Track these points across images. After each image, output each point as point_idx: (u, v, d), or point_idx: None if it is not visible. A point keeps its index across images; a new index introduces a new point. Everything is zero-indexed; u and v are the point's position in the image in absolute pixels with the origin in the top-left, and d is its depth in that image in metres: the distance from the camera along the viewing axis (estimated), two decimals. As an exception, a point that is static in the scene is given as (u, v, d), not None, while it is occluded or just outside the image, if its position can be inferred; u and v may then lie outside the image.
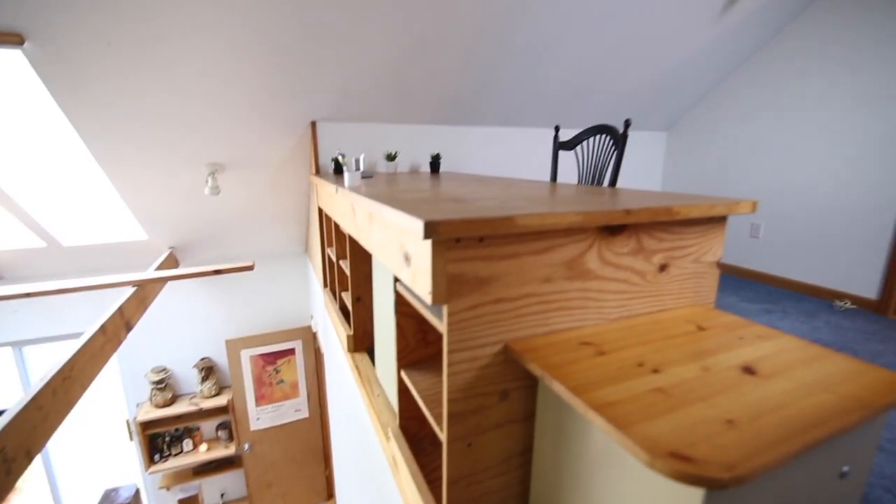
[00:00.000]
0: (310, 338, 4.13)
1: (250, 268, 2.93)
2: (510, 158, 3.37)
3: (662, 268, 1.11)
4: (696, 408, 0.70)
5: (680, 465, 0.57)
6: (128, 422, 3.85)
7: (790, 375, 0.82)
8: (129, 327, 2.37)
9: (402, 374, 1.28)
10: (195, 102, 2.31)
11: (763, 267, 3.36)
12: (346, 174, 1.68)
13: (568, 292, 0.98)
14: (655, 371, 0.82)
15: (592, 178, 2.07)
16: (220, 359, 4.01)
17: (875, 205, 2.72)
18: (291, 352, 4.08)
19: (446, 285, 0.84)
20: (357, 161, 2.24)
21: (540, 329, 0.97)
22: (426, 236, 0.77)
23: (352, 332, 2.02)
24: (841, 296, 2.91)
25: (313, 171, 2.82)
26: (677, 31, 2.84)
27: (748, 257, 3.45)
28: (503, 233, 0.85)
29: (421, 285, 0.89)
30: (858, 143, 2.78)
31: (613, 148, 1.93)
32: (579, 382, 0.78)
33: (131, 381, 3.81)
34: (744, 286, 3.25)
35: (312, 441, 4.25)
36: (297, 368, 4.13)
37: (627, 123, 1.86)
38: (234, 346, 3.90)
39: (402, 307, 1.23)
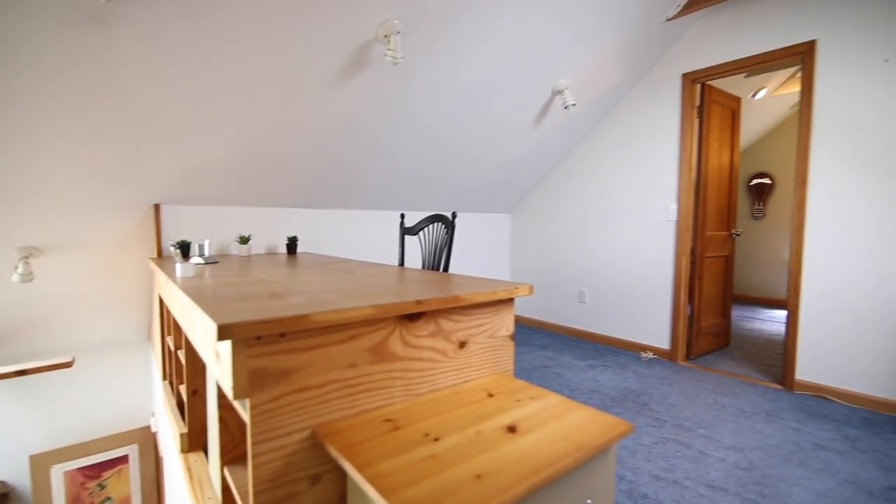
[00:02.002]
0: (149, 440, 3.60)
1: (68, 364, 2.55)
2: (368, 239, 3.56)
3: (462, 345, 1.31)
4: (457, 468, 0.86)
5: (420, 521, 0.70)
6: None
7: (542, 430, 1.03)
8: None
9: (225, 470, 1.25)
10: (6, 177, 2.10)
11: (590, 327, 3.93)
12: (177, 264, 1.66)
13: (374, 374, 1.11)
14: (436, 440, 0.96)
15: (433, 259, 2.32)
16: (22, 480, 3.25)
17: (660, 273, 3.45)
18: (124, 460, 3.49)
19: (247, 380, 0.91)
20: (201, 246, 2.21)
21: (348, 411, 1.07)
22: (220, 338, 0.84)
23: (186, 430, 1.87)
24: (645, 348, 3.53)
25: (155, 254, 2.67)
26: (506, 136, 3.43)
27: (578, 319, 4.02)
28: (303, 328, 0.96)
29: (225, 380, 0.94)
30: (649, 224, 3.55)
31: (447, 234, 2.21)
32: (367, 458, 0.88)
33: None
34: (577, 345, 3.75)
35: (148, 568, 3.56)
36: (131, 480, 3.52)
37: (454, 215, 2.17)
38: (41, 463, 3.21)
39: (224, 400, 1.24)
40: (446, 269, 2.19)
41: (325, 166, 2.92)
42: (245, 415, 0.96)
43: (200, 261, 2.04)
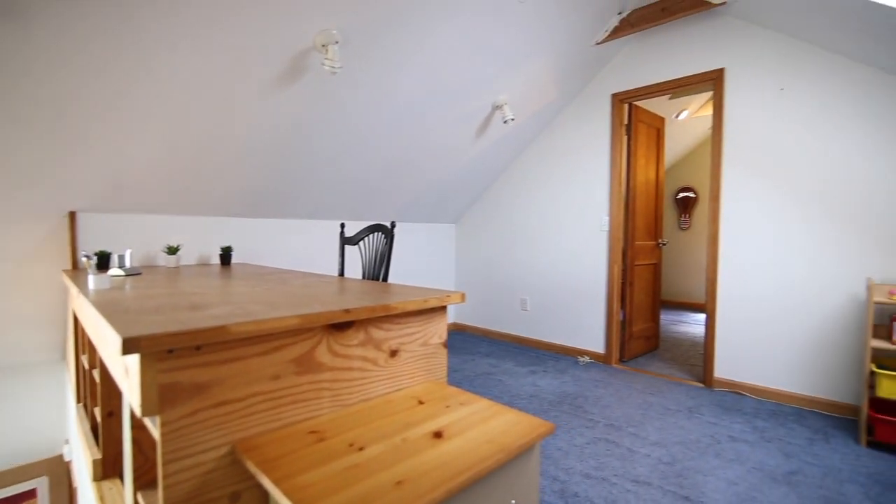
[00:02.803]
0: (62, 471, 3.28)
1: (-37, 390, 2.29)
2: (308, 249, 3.49)
3: (393, 353, 1.31)
4: (379, 476, 0.86)
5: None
6: None
7: (467, 434, 1.05)
8: None
9: (139, 495, 1.17)
10: None
11: (532, 334, 4.05)
12: (89, 276, 1.56)
13: (300, 386, 1.09)
14: (361, 449, 0.96)
15: (373, 269, 2.31)
16: None
17: (595, 281, 3.62)
18: (31, 494, 3.16)
19: (157, 396, 0.86)
20: (122, 257, 2.08)
21: (272, 424, 1.04)
22: (125, 352, 0.80)
23: (100, 456, 1.73)
24: (583, 353, 3.68)
25: (70, 266, 2.47)
26: (449, 148, 3.49)
27: (521, 327, 4.14)
28: (221, 340, 0.93)
29: (134, 397, 0.89)
30: (584, 234, 3.72)
31: (386, 243, 2.21)
32: (286, 472, 0.87)
33: None
34: (519, 352, 3.84)
35: None
36: (40, 515, 3.18)
37: (393, 225, 2.18)
38: (-71, 503, 2.84)
39: (137, 419, 1.17)
40: (385, 278, 2.19)
41: (262, 175, 2.84)
42: (156, 433, 0.91)
43: (120, 272, 1.91)
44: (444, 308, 1.48)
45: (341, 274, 2.54)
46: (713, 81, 3.02)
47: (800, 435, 2.31)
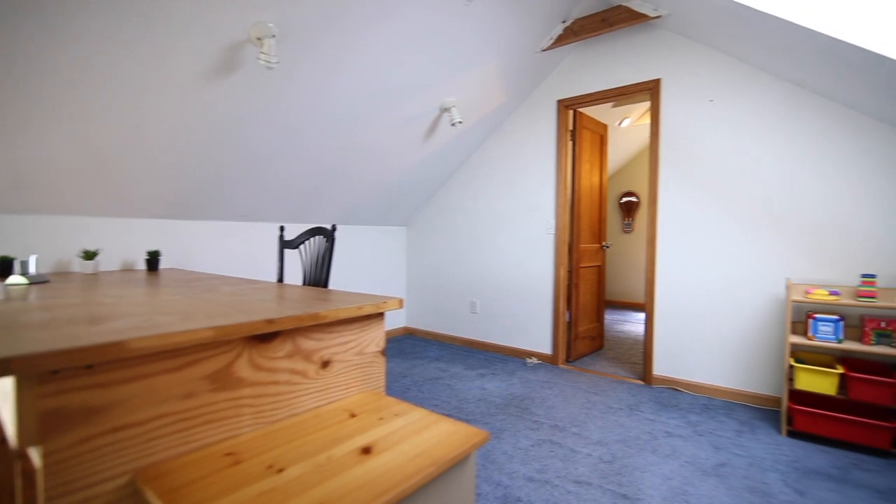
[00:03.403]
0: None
1: None
2: (248, 254, 3.32)
3: (325, 364, 1.25)
4: (298, 499, 0.80)
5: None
6: None
7: (398, 448, 1.01)
8: None
9: (28, 534, 1.04)
10: None
11: (482, 337, 4.07)
12: (-21, 287, 1.38)
13: (216, 404, 1.00)
14: (280, 471, 0.89)
15: (313, 274, 2.22)
16: None
17: (542, 283, 3.69)
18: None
19: (37, 423, 0.76)
20: (25, 263, 1.87)
21: (183, 448, 0.95)
22: (-6, 376, 0.70)
23: (-5, 487, 1.54)
24: (530, 354, 3.73)
25: (-34, 273, 2.20)
26: (397, 150, 3.43)
27: (470, 330, 4.14)
28: (118, 358, 0.84)
29: (10, 425, 0.78)
30: (531, 237, 3.77)
31: (327, 247, 2.13)
32: (193, 501, 0.79)
33: None
34: (469, 355, 3.84)
35: None
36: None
37: (333, 227, 2.11)
38: None
39: (21, 449, 1.03)
40: (326, 283, 2.10)
41: (196, 174, 2.66)
42: (37, 465, 0.80)
43: (21, 280, 1.72)
44: (381, 315, 1.43)
45: (280, 280, 2.42)
46: (650, 91, 3.15)
47: (729, 427, 2.44)
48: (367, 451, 0.98)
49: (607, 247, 4.16)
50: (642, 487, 1.86)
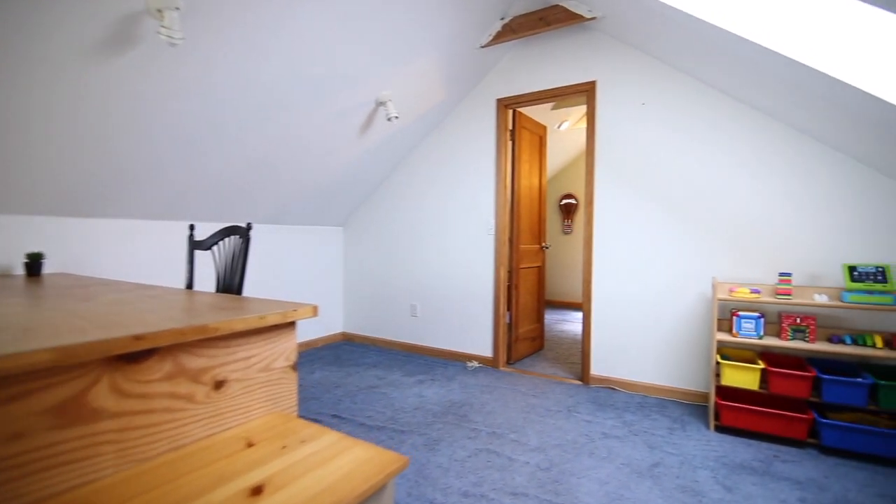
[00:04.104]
0: None
1: None
2: (158, 256, 2.98)
3: (218, 385, 1.06)
4: (149, 569, 0.62)
5: None
6: None
7: (298, 484, 0.85)
8: None
9: None
10: None
11: (423, 340, 3.94)
12: None
13: (63, 444, 0.80)
14: (137, 527, 0.71)
15: (226, 278, 1.99)
16: None
17: (482, 284, 3.62)
18: None
19: None
20: None
21: (15, 503, 0.74)
22: None
23: None
24: (471, 357, 3.66)
25: None
26: (331, 144, 3.23)
27: (411, 333, 4.00)
28: None
29: None
30: (471, 237, 3.69)
31: (242, 248, 1.91)
32: (-2, 585, 0.59)
33: None
34: (408, 360, 3.70)
35: None
36: None
37: (248, 226, 1.89)
38: None
39: None
40: (240, 289, 1.89)
41: (88, 164, 2.33)
42: None
43: None
44: (291, 325, 1.25)
45: (190, 285, 2.16)
46: (587, 93, 3.18)
47: (661, 425, 2.47)
48: (257, 491, 0.82)
49: (547, 247, 4.18)
50: (579, 495, 1.80)
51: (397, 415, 2.58)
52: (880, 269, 2.23)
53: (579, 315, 6.01)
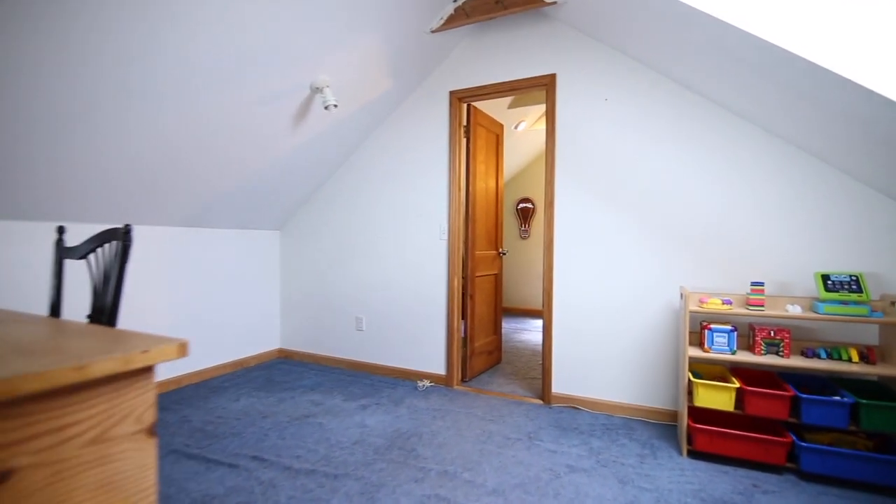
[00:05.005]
0: None
1: None
2: (29, 266, 2.44)
3: (5, 476, 0.66)
4: None
5: None
6: None
7: None
8: None
9: None
10: None
11: (369, 358, 3.55)
12: None
13: None
14: None
15: (100, 296, 1.54)
16: None
17: (435, 294, 3.29)
18: None
19: None
20: None
21: None
22: None
23: None
24: (423, 375, 3.31)
25: None
26: (260, 134, 2.80)
27: (356, 350, 3.61)
28: None
29: None
30: (422, 243, 3.35)
31: (117, 257, 1.47)
32: None
33: None
34: (352, 381, 3.30)
35: None
36: None
37: (127, 228, 1.46)
38: None
39: None
40: (113, 312, 1.45)
41: (-77, 149, 1.80)
42: None
43: None
44: (148, 370, 0.86)
45: (55, 304, 1.68)
46: (546, 87, 2.94)
47: (631, 452, 2.23)
48: None
49: (504, 253, 3.91)
50: (546, 553, 1.50)
51: (332, 452, 2.19)
52: (854, 278, 2.10)
53: (538, 323, 5.81)
